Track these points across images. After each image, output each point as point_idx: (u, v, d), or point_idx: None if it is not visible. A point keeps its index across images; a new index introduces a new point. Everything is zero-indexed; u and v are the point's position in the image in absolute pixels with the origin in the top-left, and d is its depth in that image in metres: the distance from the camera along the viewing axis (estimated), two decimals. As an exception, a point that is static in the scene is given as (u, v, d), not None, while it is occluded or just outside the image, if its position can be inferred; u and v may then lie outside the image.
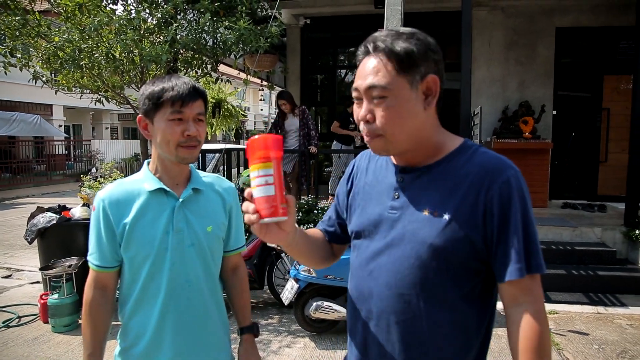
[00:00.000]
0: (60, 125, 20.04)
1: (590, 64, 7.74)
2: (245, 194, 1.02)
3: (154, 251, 1.40)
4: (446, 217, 1.05)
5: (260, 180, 0.99)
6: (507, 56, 7.70)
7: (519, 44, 7.65)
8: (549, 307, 4.58)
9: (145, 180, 1.46)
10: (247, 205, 1.02)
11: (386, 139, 1.07)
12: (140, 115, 1.44)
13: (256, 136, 1.01)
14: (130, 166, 19.05)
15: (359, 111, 1.10)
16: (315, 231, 1.38)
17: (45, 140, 19.60)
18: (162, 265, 1.42)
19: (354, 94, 1.12)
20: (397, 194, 1.13)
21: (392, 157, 1.20)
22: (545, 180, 6.96)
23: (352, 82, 1.16)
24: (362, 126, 1.11)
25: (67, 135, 21.40)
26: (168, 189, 1.44)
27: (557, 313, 4.46)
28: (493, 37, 7.69)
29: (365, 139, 1.12)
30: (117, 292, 1.52)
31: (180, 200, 1.45)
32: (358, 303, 1.19)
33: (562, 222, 5.81)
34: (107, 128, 25.35)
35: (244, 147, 8.07)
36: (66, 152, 20.53)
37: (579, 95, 7.81)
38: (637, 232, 5.28)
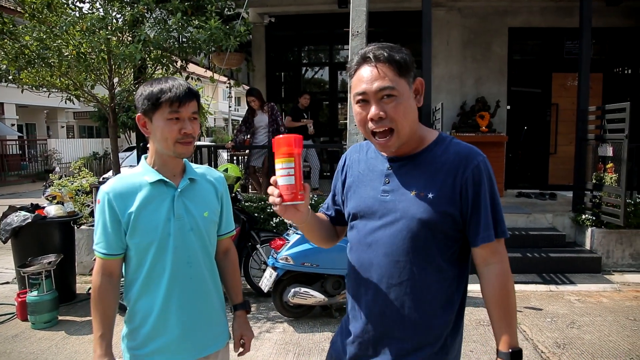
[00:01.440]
0: (12, 124, 19.27)
1: (540, 62, 8.29)
2: (271, 180, 1.28)
3: (158, 236, 1.55)
4: (430, 196, 1.30)
5: (283, 172, 1.24)
6: (464, 54, 8.12)
7: (475, 42, 8.08)
8: (506, 287, 4.96)
9: (145, 173, 1.60)
10: (272, 190, 1.27)
11: (397, 131, 1.28)
12: (139, 114, 1.58)
13: (281, 135, 1.26)
14: (89, 165, 18.53)
15: (364, 113, 1.30)
16: (322, 215, 1.63)
17: (-3, 140, 18.81)
18: (166, 249, 1.56)
19: (360, 97, 1.30)
20: (387, 179, 1.38)
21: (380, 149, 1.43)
22: (501, 171, 7.40)
23: (314, 79, 1.39)
24: (371, 124, 1.29)
25: (20, 135, 20.58)
26: (167, 179, 1.59)
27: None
28: (451, 36, 8.09)
29: (378, 140, 1.31)
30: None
31: (179, 189, 1.60)
32: (360, 272, 1.42)
33: (517, 210, 6.24)
34: (62, 127, 24.46)
35: (213, 144, 8.21)
36: (20, 152, 19.74)
37: (530, 91, 8.35)
38: (583, 217, 5.75)
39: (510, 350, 1.28)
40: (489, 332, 3.86)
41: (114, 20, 4.79)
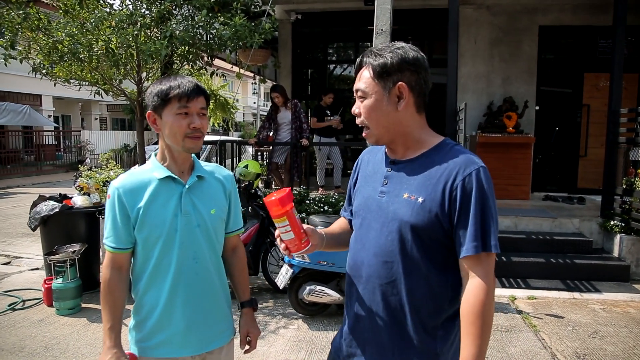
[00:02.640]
0: (49, 116, 19.92)
1: (571, 62, 8.03)
2: (275, 235, 1.41)
3: (165, 232, 1.59)
4: (420, 200, 1.29)
5: (282, 230, 1.38)
6: (492, 53, 7.95)
7: (503, 41, 7.90)
8: (528, 292, 4.86)
9: (154, 169, 1.64)
10: (279, 243, 1.41)
11: (369, 130, 1.38)
12: (149, 111, 1.62)
13: (272, 197, 1.36)
14: (120, 157, 19.02)
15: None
16: (340, 222, 1.67)
17: (34, 131, 19.50)
18: (172, 244, 1.60)
19: (355, 95, 1.41)
20: (386, 181, 1.39)
21: (387, 151, 1.45)
22: (528, 173, 7.23)
23: (342, 76, 1.45)
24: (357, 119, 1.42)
25: (56, 125, 21.27)
26: (175, 176, 1.63)
27: (535, 298, 4.73)
28: (479, 34, 7.93)
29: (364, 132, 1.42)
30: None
31: (187, 186, 1.63)
32: (353, 271, 1.45)
33: (543, 214, 6.09)
34: (96, 119, 25.16)
35: (238, 139, 8.34)
36: (56, 143, 20.43)
37: (560, 91, 8.11)
38: (611, 223, 5.57)
39: None
40: (506, 339, 3.80)
41: (142, 17, 4.90)
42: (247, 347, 1.83)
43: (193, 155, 1.71)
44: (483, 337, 1.23)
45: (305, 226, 1.42)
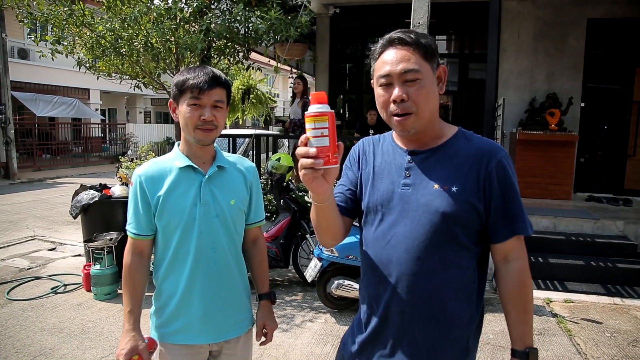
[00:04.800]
0: (96, 109, 20.72)
1: (622, 56, 7.60)
2: (302, 138, 1.10)
3: (184, 220, 1.61)
4: (454, 189, 1.27)
5: (316, 132, 1.07)
6: (535, 47, 7.64)
7: (548, 35, 7.58)
8: (564, 295, 4.68)
9: (176, 158, 1.67)
10: (305, 149, 1.09)
11: (417, 115, 1.26)
12: (170, 99, 1.67)
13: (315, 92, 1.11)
14: (162, 149, 19.59)
15: (387, 95, 1.27)
16: None
17: (82, 123, 20.35)
18: (191, 233, 1.62)
19: (383, 80, 1.28)
20: (408, 172, 1.34)
21: (398, 142, 1.40)
22: (570, 172, 6.94)
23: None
24: (393, 107, 1.27)
25: (103, 118, 22.11)
26: (196, 166, 1.65)
27: (572, 302, 4.55)
28: (522, 28, 7.63)
29: (396, 119, 1.27)
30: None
31: (207, 176, 1.66)
32: (377, 270, 1.36)
33: (584, 215, 5.84)
34: (140, 112, 25.98)
35: (273, 133, 8.40)
36: (102, 135, 21.25)
37: (609, 87, 7.70)
38: (660, 226, 5.29)
39: (527, 349, 1.28)
40: (539, 342, 3.68)
41: (180, 11, 5.01)
42: (262, 339, 1.84)
43: (215, 145, 1.73)
44: (532, 317, 1.33)
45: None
